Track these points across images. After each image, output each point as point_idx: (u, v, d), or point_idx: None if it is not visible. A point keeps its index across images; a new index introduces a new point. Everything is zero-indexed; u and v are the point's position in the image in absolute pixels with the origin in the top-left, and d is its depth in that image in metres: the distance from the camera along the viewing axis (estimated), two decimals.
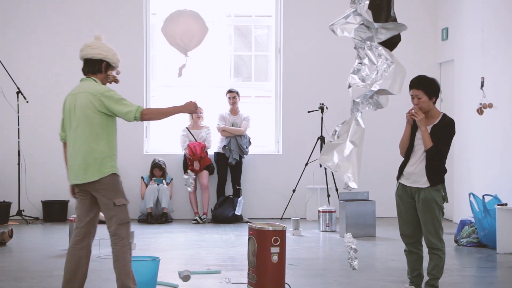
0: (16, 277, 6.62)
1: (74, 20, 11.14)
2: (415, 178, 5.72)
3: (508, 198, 8.47)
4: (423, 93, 5.62)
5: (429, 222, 5.70)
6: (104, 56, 5.45)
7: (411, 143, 5.76)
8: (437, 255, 5.71)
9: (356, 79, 5.10)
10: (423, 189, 5.69)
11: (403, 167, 5.81)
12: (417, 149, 5.72)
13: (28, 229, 9.92)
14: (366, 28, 5.09)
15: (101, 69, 5.47)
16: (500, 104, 9.14)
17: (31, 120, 10.90)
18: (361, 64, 5.11)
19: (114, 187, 5.36)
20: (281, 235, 5.87)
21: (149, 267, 5.85)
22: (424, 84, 5.67)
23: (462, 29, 10.50)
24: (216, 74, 11.74)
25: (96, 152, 5.28)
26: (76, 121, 5.32)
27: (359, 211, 9.30)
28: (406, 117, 5.75)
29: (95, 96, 5.30)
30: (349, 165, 5.12)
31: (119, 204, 5.34)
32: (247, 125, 11.02)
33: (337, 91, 11.01)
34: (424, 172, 5.68)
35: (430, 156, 5.66)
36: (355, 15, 5.11)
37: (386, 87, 5.03)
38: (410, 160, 5.76)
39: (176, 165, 11.08)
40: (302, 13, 11.33)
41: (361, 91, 5.06)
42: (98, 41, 5.54)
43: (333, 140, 5.24)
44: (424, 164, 5.68)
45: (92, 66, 5.46)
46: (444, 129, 5.69)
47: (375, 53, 5.08)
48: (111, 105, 5.28)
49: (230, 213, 10.66)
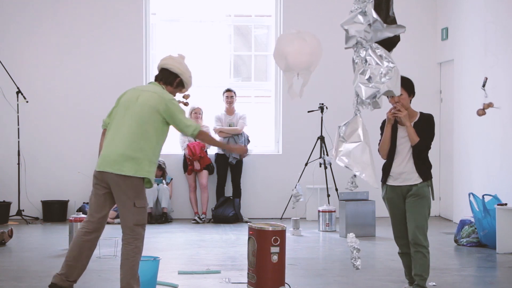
0: (16, 277, 6.62)
1: (74, 20, 11.14)
2: (405, 176, 5.66)
3: (508, 198, 8.48)
4: (404, 90, 5.56)
5: (418, 218, 5.61)
6: (181, 72, 5.67)
7: (392, 144, 5.70)
8: (421, 254, 5.59)
9: (363, 79, 5.10)
10: (415, 185, 5.63)
11: (388, 168, 5.74)
12: (401, 149, 5.68)
13: (28, 229, 9.92)
14: (369, 28, 5.09)
15: (173, 82, 5.67)
16: (500, 104, 9.13)
17: (31, 120, 10.90)
18: (365, 65, 5.11)
19: (138, 188, 5.41)
20: (281, 235, 5.87)
21: (149, 267, 5.85)
22: (403, 81, 5.58)
23: (462, 29, 10.50)
24: (216, 74, 11.75)
25: (142, 151, 5.36)
26: (131, 114, 5.44)
27: (359, 211, 9.30)
28: (387, 117, 5.70)
29: (163, 99, 5.47)
30: (368, 165, 5.16)
31: (139, 206, 5.41)
32: (244, 124, 11.02)
33: (337, 91, 11.03)
34: (414, 169, 5.63)
35: (418, 151, 5.63)
36: (361, 14, 5.10)
37: (392, 87, 5.04)
38: (395, 161, 5.69)
39: (176, 165, 11.09)
40: (302, 13, 11.33)
41: (371, 91, 5.07)
42: (180, 59, 5.75)
43: (344, 140, 5.26)
44: (412, 161, 5.64)
45: (167, 76, 5.68)
46: (426, 124, 5.67)
47: (377, 54, 5.09)
48: (175, 114, 5.47)
49: (231, 212, 10.67)
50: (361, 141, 5.19)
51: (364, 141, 5.19)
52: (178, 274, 6.75)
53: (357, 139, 5.19)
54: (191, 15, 11.60)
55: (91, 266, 7.05)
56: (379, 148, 5.75)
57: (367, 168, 5.15)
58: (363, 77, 5.12)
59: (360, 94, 5.12)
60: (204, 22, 11.68)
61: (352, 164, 5.19)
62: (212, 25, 11.72)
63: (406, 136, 5.66)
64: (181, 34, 11.62)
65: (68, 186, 11.00)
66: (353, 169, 5.19)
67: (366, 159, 5.16)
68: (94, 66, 11.13)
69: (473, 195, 8.55)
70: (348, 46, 5.20)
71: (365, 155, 5.16)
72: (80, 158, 11.02)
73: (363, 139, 5.19)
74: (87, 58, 11.15)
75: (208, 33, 11.70)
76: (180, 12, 11.62)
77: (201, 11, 11.62)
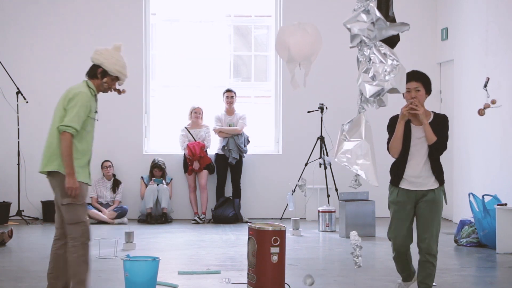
0: (16, 277, 6.63)
1: (74, 20, 11.14)
2: (422, 180, 5.40)
3: (508, 198, 8.48)
4: (422, 86, 5.38)
5: (433, 227, 5.38)
6: (101, 62, 5.54)
7: (405, 145, 5.41)
8: (431, 264, 5.41)
9: (367, 77, 5.08)
10: (431, 191, 5.40)
11: (401, 171, 5.44)
12: (416, 150, 5.40)
13: (28, 229, 9.92)
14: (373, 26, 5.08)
15: (96, 74, 5.55)
16: (501, 104, 9.13)
17: (31, 120, 10.89)
18: (369, 63, 5.10)
19: (61, 184, 5.30)
20: (281, 235, 5.87)
21: (149, 267, 5.85)
22: (423, 77, 5.43)
23: (462, 29, 10.50)
24: (215, 74, 11.75)
25: (52, 146, 5.38)
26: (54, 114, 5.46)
27: (358, 211, 9.30)
28: (401, 112, 5.40)
29: (68, 94, 5.42)
30: (368, 163, 5.12)
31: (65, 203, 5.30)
32: (244, 124, 11.02)
33: (336, 91, 11.03)
34: (430, 172, 5.38)
35: (434, 153, 5.37)
36: (364, 13, 5.09)
37: (396, 85, 5.03)
38: (409, 163, 5.41)
39: (176, 165, 11.09)
40: (301, 13, 11.32)
41: (375, 89, 5.05)
42: (105, 49, 5.62)
43: (346, 138, 5.23)
44: (429, 164, 5.38)
45: (90, 70, 5.61)
46: (441, 124, 5.42)
47: (381, 52, 5.07)
48: (71, 104, 5.33)
49: (231, 212, 10.67)
50: (362, 139, 5.16)
51: (366, 139, 5.16)
52: (178, 274, 6.75)
53: (359, 137, 5.17)
54: (191, 15, 11.60)
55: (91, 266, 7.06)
56: (389, 146, 5.47)
57: (368, 167, 5.12)
58: (367, 75, 5.10)
59: (364, 92, 5.11)
60: (204, 22, 11.68)
61: (351, 162, 5.16)
62: (212, 25, 11.72)
63: (422, 137, 5.40)
64: (181, 34, 11.62)
65: None
66: (352, 168, 5.17)
67: (367, 158, 5.13)
68: None
69: (473, 195, 8.55)
70: (353, 45, 5.19)
71: (366, 154, 5.14)
72: None
73: (365, 137, 5.16)
74: (87, 58, 11.09)
75: (208, 33, 11.70)
76: (180, 12, 11.62)
77: (201, 11, 11.62)
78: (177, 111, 11.44)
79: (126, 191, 11.03)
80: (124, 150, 11.18)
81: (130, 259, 5.78)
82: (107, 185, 10.86)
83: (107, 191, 10.84)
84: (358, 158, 5.13)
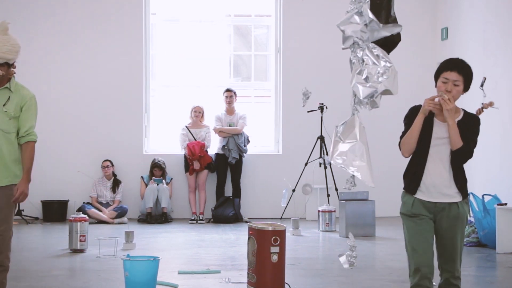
0: (16, 277, 6.62)
1: (74, 20, 11.14)
2: (441, 190, 4.40)
3: (508, 197, 8.48)
4: (463, 81, 4.56)
5: (460, 247, 4.43)
6: None
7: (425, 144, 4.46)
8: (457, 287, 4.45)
9: (361, 79, 5.09)
10: (454, 204, 4.40)
11: (417, 177, 4.46)
12: (435, 152, 4.46)
13: (28, 229, 9.91)
14: (366, 28, 5.10)
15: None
16: (500, 104, 9.13)
17: None
18: (362, 65, 5.11)
19: None
20: (281, 235, 5.87)
21: (148, 266, 5.84)
22: (467, 70, 4.58)
23: (462, 29, 10.50)
24: (215, 73, 11.75)
25: None
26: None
27: (358, 211, 9.29)
28: (424, 104, 4.43)
29: None
30: (364, 164, 5.11)
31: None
32: (244, 124, 11.02)
33: (336, 91, 11.02)
34: (452, 182, 4.42)
35: (459, 158, 4.47)
36: (357, 15, 5.11)
37: (389, 87, 5.03)
38: (427, 167, 4.44)
39: (176, 165, 11.09)
40: (301, 12, 11.34)
41: (368, 91, 5.06)
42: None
43: (341, 139, 5.23)
44: (451, 172, 4.43)
45: None
46: (471, 125, 4.52)
47: (374, 54, 5.09)
48: None
49: (231, 212, 10.67)
50: (357, 140, 5.17)
51: (360, 140, 5.16)
52: (178, 274, 6.74)
53: (354, 139, 5.17)
54: (191, 15, 11.60)
55: (91, 266, 7.07)
56: (401, 142, 4.53)
57: (363, 168, 5.11)
58: (360, 77, 5.11)
59: (358, 94, 5.12)
60: (204, 22, 11.68)
61: (346, 164, 5.16)
62: (212, 25, 11.72)
63: (445, 137, 4.46)
64: (181, 34, 11.63)
65: (68, 186, 11.00)
66: (348, 169, 5.16)
67: (362, 159, 5.13)
68: (94, 66, 11.12)
69: (473, 195, 8.55)
70: (345, 46, 5.20)
71: (361, 155, 5.14)
72: (80, 158, 11.02)
73: (359, 139, 5.16)
74: (87, 58, 11.14)
75: (208, 33, 11.70)
76: (180, 12, 11.62)
77: (201, 11, 11.63)
78: (177, 111, 11.45)
79: (126, 191, 11.03)
80: (124, 150, 11.18)
81: (130, 259, 5.77)
82: (107, 185, 10.87)
83: (107, 191, 10.84)
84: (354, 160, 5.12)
